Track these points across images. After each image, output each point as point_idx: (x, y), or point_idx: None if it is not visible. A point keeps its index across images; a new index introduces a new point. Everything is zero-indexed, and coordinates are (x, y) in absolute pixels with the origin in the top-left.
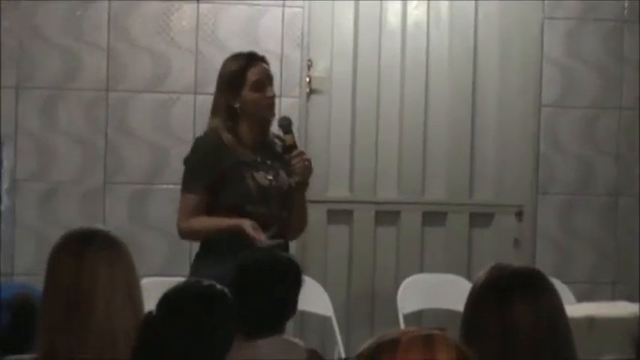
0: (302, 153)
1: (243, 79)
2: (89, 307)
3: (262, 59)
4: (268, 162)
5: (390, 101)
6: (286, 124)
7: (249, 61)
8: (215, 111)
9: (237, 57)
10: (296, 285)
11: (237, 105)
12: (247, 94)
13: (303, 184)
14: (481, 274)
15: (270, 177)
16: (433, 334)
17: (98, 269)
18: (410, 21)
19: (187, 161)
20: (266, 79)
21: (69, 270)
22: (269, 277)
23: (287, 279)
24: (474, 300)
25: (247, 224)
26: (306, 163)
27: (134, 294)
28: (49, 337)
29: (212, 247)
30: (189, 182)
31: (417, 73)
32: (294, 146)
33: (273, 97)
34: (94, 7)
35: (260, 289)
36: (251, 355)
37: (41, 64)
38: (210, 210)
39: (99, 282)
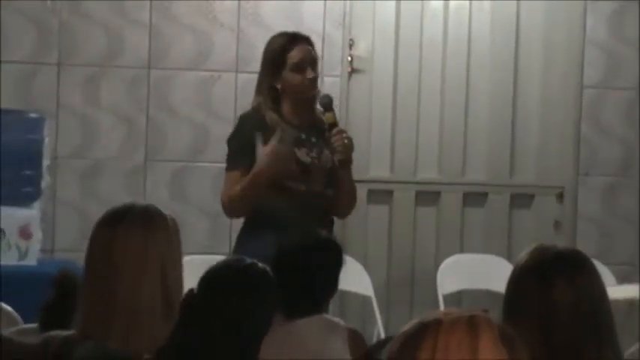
0: (342, 131)
1: (284, 59)
2: (116, 283)
3: (306, 40)
4: (313, 140)
5: (431, 81)
6: (327, 103)
7: (291, 41)
8: (259, 89)
9: (280, 36)
10: (337, 265)
11: (278, 85)
12: (288, 74)
13: (346, 162)
14: (523, 255)
15: (313, 154)
16: (476, 315)
17: (129, 244)
18: (452, 2)
19: (231, 139)
20: (308, 60)
21: (102, 243)
22: (310, 256)
23: (328, 259)
24: (517, 281)
25: (278, 151)
26: (346, 141)
27: (169, 272)
28: (84, 313)
29: (254, 225)
30: (233, 160)
31: (458, 54)
32: (334, 124)
33: (314, 78)
34: None
35: (301, 268)
36: (291, 334)
37: (83, 41)
38: None
39: (128, 257)
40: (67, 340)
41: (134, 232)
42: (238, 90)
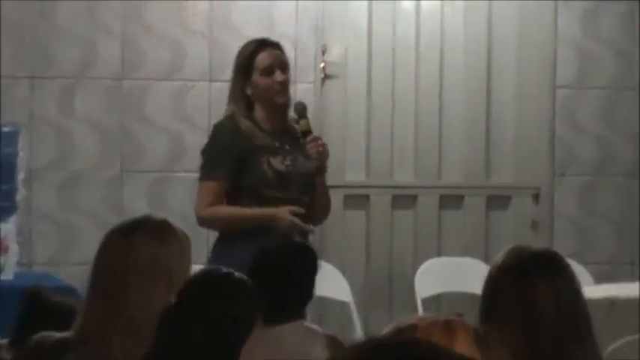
0: (317, 138)
1: (253, 64)
2: (123, 293)
3: (275, 44)
4: (287, 147)
5: (405, 85)
6: (301, 109)
7: (260, 46)
8: (232, 97)
9: (250, 42)
10: (312, 270)
11: (249, 91)
12: (257, 78)
13: (321, 169)
14: (499, 256)
15: (288, 162)
16: (452, 319)
17: (140, 256)
18: (424, 3)
19: (205, 149)
20: (277, 63)
21: (113, 252)
22: (285, 263)
23: (303, 264)
24: (493, 282)
25: (285, 213)
26: (321, 148)
27: (177, 285)
28: (84, 317)
29: (230, 235)
30: (208, 170)
31: (431, 56)
32: (308, 131)
33: (283, 81)
34: None
35: (277, 275)
36: (271, 341)
37: (57, 53)
38: (229, 196)
39: (138, 269)
40: (61, 342)
41: (146, 244)
42: (212, 98)
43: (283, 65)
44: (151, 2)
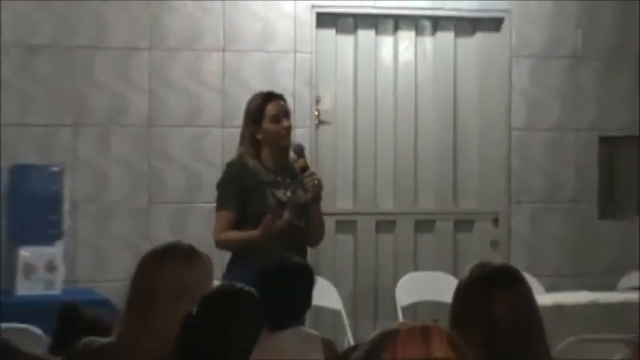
0: (313, 173)
1: (263, 113)
2: (153, 308)
3: (280, 97)
4: (287, 181)
5: (385, 128)
6: (299, 150)
7: (268, 98)
8: (242, 140)
9: (259, 95)
10: (310, 284)
11: (259, 136)
12: (267, 125)
13: (317, 199)
14: (466, 271)
15: (289, 194)
16: (429, 325)
17: (168, 277)
18: (401, 59)
19: (220, 184)
20: (282, 113)
21: (145, 273)
22: (287, 278)
23: (302, 279)
24: (461, 293)
25: (263, 226)
26: (316, 182)
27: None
28: (121, 328)
29: (240, 256)
30: (222, 201)
31: (407, 104)
32: (306, 168)
33: (289, 127)
34: (137, 55)
35: (280, 288)
36: (275, 345)
37: (94, 104)
38: (239, 222)
39: (166, 288)
40: (105, 346)
41: (174, 266)
42: (225, 142)
43: (287, 114)
44: (173, 62)
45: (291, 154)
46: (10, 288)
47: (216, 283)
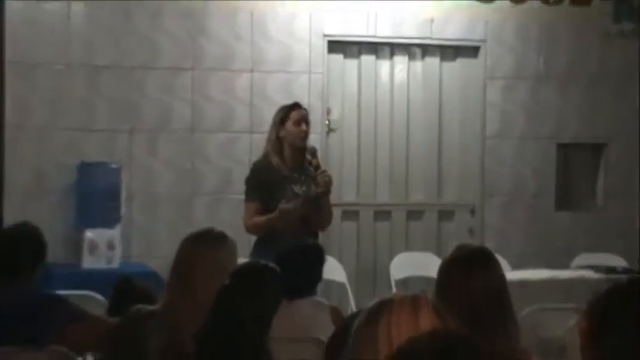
0: (325, 171)
1: (288, 117)
2: (190, 283)
3: (303, 107)
4: (303, 178)
5: (383, 135)
6: (313, 152)
7: (293, 106)
8: (268, 141)
9: (286, 105)
10: (320, 262)
11: (282, 133)
12: (290, 127)
13: (327, 193)
14: (448, 252)
15: (304, 188)
16: (418, 295)
17: (203, 257)
18: (396, 79)
19: (248, 179)
20: (303, 119)
21: (184, 255)
22: (302, 257)
23: (314, 258)
24: (444, 271)
25: (280, 209)
26: (327, 178)
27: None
28: (166, 297)
29: (264, 238)
30: (249, 194)
31: (401, 116)
32: (319, 166)
33: (306, 131)
34: (181, 74)
35: (297, 265)
36: (293, 311)
37: (145, 113)
38: (264, 212)
39: (200, 266)
40: (152, 312)
41: (209, 248)
42: (252, 145)
43: (307, 121)
44: (210, 79)
45: (307, 156)
46: (77, 262)
47: (244, 260)
